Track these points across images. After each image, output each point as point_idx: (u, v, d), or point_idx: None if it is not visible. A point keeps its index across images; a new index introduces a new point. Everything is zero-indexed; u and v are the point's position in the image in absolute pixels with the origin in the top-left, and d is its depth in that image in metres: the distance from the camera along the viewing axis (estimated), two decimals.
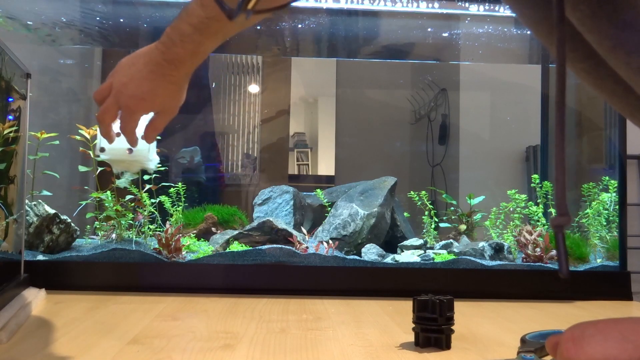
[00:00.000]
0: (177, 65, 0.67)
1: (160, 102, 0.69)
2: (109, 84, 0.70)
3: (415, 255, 1.17)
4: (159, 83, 0.68)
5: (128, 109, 0.68)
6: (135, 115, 0.69)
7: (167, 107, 0.71)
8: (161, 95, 0.68)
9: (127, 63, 0.70)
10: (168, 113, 0.71)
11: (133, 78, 0.68)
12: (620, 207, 1.17)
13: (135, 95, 0.68)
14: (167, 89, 0.68)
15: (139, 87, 0.67)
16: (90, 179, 1.26)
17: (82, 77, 1.83)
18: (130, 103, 0.68)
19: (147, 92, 0.67)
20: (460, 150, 2.05)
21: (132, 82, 0.68)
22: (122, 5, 1.34)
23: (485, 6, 1.30)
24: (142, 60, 0.68)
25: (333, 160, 2.36)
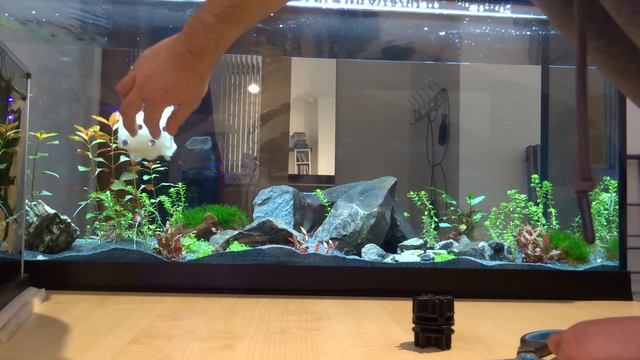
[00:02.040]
0: (200, 56, 0.67)
1: (183, 93, 0.69)
2: (132, 77, 0.70)
3: (415, 255, 1.17)
4: (183, 74, 0.68)
5: (152, 101, 0.69)
6: (159, 107, 0.70)
7: (190, 99, 0.71)
8: (184, 87, 0.69)
9: (149, 55, 0.70)
10: (191, 104, 0.72)
11: (156, 70, 0.68)
12: (620, 207, 1.17)
13: (159, 88, 0.68)
14: (190, 81, 0.69)
15: (163, 79, 0.68)
16: (89, 179, 1.26)
17: (82, 77, 1.83)
18: (154, 95, 0.68)
19: (171, 84, 0.68)
20: (460, 150, 2.05)
21: (155, 74, 0.68)
22: (122, 5, 1.34)
23: (485, 6, 1.30)
24: (165, 52, 0.68)
25: (333, 160, 2.36)
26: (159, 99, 0.68)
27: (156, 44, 0.70)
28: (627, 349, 0.36)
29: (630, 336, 0.36)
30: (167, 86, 0.68)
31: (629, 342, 0.36)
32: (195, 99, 0.71)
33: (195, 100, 0.72)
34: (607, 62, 0.48)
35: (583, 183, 0.40)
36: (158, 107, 0.69)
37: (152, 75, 0.68)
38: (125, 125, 0.72)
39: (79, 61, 1.81)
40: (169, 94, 0.68)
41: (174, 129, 0.74)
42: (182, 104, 0.72)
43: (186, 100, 0.71)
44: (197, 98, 0.71)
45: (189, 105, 0.72)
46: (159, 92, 0.68)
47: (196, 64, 0.67)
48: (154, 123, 0.71)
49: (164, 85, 0.68)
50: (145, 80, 0.68)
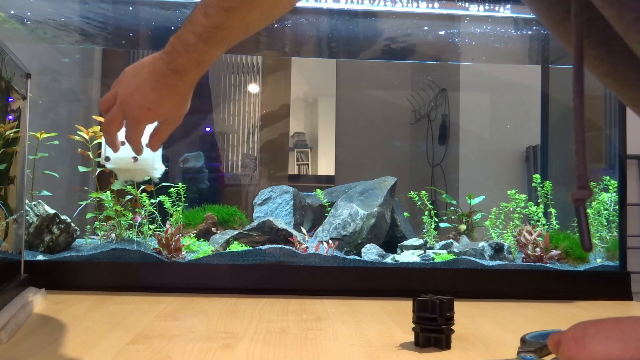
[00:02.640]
0: (182, 75, 0.67)
1: (165, 111, 0.69)
2: (113, 93, 0.70)
3: (415, 255, 1.17)
4: (164, 93, 0.68)
5: (134, 118, 0.69)
6: (140, 125, 0.70)
7: (172, 117, 0.71)
8: (166, 105, 0.69)
9: (131, 72, 0.70)
10: (173, 122, 0.72)
11: (138, 88, 0.68)
12: (620, 207, 1.17)
13: (141, 105, 0.68)
14: (172, 99, 0.69)
15: (145, 97, 0.68)
16: (89, 179, 1.26)
17: (82, 77, 1.83)
18: (136, 113, 0.68)
19: (153, 102, 0.68)
20: (460, 150, 2.05)
21: (137, 92, 0.68)
22: (122, 5, 1.34)
23: (485, 6, 1.30)
24: (147, 70, 0.68)
25: (333, 160, 2.36)
26: (140, 117, 0.68)
27: (138, 62, 0.70)
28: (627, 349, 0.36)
29: (630, 336, 0.36)
30: (149, 104, 0.68)
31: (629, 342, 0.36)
32: (177, 117, 0.71)
33: (177, 118, 0.71)
34: (607, 70, 0.47)
35: (580, 191, 0.40)
36: (139, 124, 0.69)
37: (134, 93, 0.68)
38: (107, 142, 0.72)
39: (79, 61, 1.81)
40: (150, 112, 0.68)
41: (156, 145, 0.74)
42: (164, 122, 0.72)
43: (168, 118, 0.71)
44: (178, 116, 0.71)
45: (170, 123, 0.72)
46: (141, 110, 0.68)
47: (178, 83, 0.67)
48: (135, 141, 0.71)
49: (146, 103, 0.67)
50: (127, 98, 0.68)
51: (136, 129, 0.69)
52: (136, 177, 0.89)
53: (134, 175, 0.89)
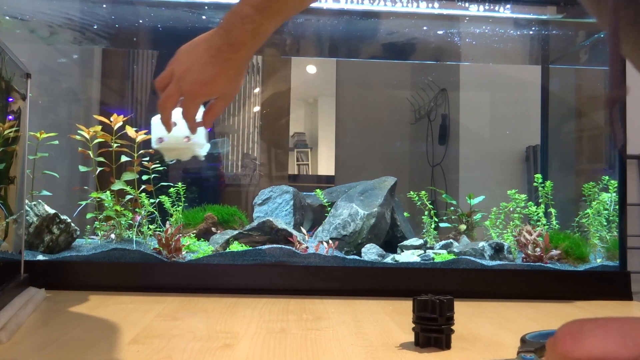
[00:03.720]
0: (237, 49, 0.68)
1: (221, 87, 0.71)
2: (169, 71, 0.71)
3: (415, 255, 1.17)
4: (220, 67, 0.69)
5: (190, 94, 0.70)
6: (197, 101, 0.71)
7: (226, 92, 0.72)
8: (222, 80, 0.70)
9: (186, 50, 0.72)
10: (227, 98, 0.73)
11: (195, 63, 0.69)
12: (620, 207, 1.17)
13: (198, 81, 0.69)
14: (228, 74, 0.70)
15: (201, 72, 0.69)
16: (90, 179, 1.26)
17: (82, 77, 1.83)
18: (192, 89, 0.70)
19: (209, 77, 0.69)
20: (460, 150, 2.05)
21: (194, 68, 0.69)
22: (122, 5, 1.34)
23: (485, 6, 1.30)
24: (202, 46, 0.69)
25: (333, 160, 2.36)
26: (197, 93, 0.70)
27: (192, 40, 0.72)
28: (625, 345, 0.36)
29: (629, 334, 0.36)
30: (205, 79, 0.69)
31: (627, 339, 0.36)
32: (231, 93, 0.73)
33: (231, 93, 0.73)
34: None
35: (615, 90, 0.39)
36: (196, 100, 0.71)
37: (190, 69, 0.69)
38: (163, 120, 0.73)
39: (79, 61, 1.81)
40: (207, 87, 0.70)
41: (209, 122, 0.75)
42: (218, 98, 0.73)
43: (222, 94, 0.72)
44: (233, 91, 0.73)
45: (224, 99, 0.73)
46: (197, 85, 0.70)
47: (234, 57, 0.69)
48: (191, 117, 0.72)
49: (202, 78, 0.69)
50: (183, 74, 0.70)
51: (192, 105, 0.71)
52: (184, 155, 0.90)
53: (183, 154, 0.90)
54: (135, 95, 2.02)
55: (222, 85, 0.71)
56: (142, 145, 1.21)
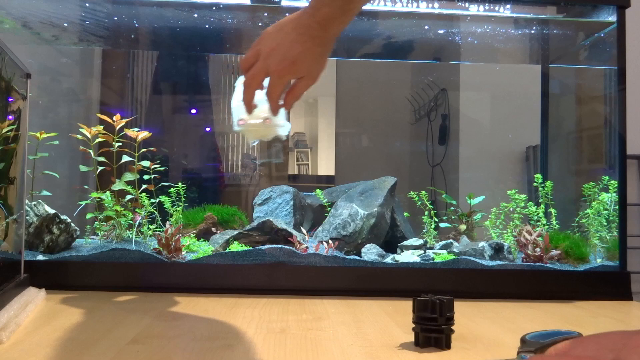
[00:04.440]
0: (326, 26, 0.69)
1: (307, 65, 0.71)
2: (254, 52, 0.72)
3: (415, 255, 1.17)
4: (309, 45, 0.70)
5: (277, 72, 0.71)
6: (283, 79, 0.72)
7: (312, 71, 0.73)
8: (309, 58, 0.71)
9: (273, 30, 0.72)
10: (312, 77, 0.73)
11: (282, 42, 0.70)
12: (620, 207, 1.17)
13: (286, 59, 0.70)
14: (316, 52, 0.71)
15: (289, 50, 0.70)
16: (90, 179, 1.26)
17: (82, 77, 1.83)
18: (280, 67, 0.70)
19: (297, 55, 0.70)
20: (460, 150, 2.05)
21: (281, 46, 0.70)
22: (122, 5, 1.34)
23: (485, 6, 1.30)
24: (291, 25, 0.70)
25: (333, 160, 2.36)
26: (284, 71, 0.71)
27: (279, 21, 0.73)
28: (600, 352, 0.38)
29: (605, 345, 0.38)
30: (293, 57, 0.70)
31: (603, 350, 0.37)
32: (316, 73, 0.73)
33: (316, 73, 0.73)
34: None
35: None
36: (282, 79, 0.71)
37: (278, 48, 0.70)
38: (245, 100, 0.74)
39: (79, 61, 1.81)
40: (294, 65, 0.70)
41: (291, 104, 0.76)
42: (302, 78, 0.73)
43: (308, 73, 0.73)
44: (318, 71, 0.73)
45: (309, 79, 0.73)
46: (285, 63, 0.70)
47: (322, 35, 0.70)
48: (276, 96, 0.73)
49: (290, 56, 0.70)
50: (271, 52, 0.70)
51: (278, 83, 0.71)
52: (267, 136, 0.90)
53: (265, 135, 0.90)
54: (135, 95, 2.02)
55: (309, 64, 0.71)
56: (142, 145, 1.21)
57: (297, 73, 0.72)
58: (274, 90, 0.72)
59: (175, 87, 2.17)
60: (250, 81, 0.72)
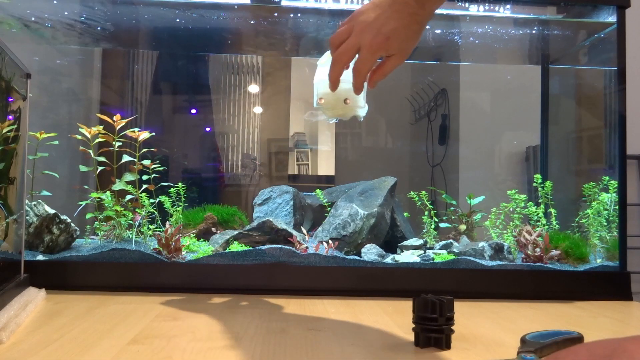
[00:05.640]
0: (423, 3, 0.69)
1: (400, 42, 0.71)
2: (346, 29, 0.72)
3: (415, 255, 1.17)
4: (405, 22, 0.70)
5: (370, 47, 0.70)
6: (374, 55, 0.71)
7: (403, 49, 0.72)
8: (403, 35, 0.70)
9: (369, 6, 0.72)
10: (401, 56, 0.73)
11: (378, 18, 0.70)
12: (620, 207, 1.17)
13: (380, 33, 0.70)
14: (411, 29, 0.71)
15: (385, 25, 0.70)
16: (90, 179, 1.26)
17: (82, 77, 1.83)
18: (373, 42, 0.70)
19: (392, 30, 0.70)
20: (460, 150, 2.05)
21: (377, 21, 0.70)
22: (122, 5, 1.34)
23: (485, 6, 1.30)
24: (387, 1, 0.70)
25: (333, 160, 2.36)
26: (377, 46, 0.70)
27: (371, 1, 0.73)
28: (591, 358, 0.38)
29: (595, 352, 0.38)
30: (388, 32, 0.69)
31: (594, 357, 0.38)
32: (406, 50, 0.73)
33: (406, 51, 0.73)
34: None
35: None
36: (374, 54, 0.71)
37: (373, 22, 0.70)
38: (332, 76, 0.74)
39: (79, 61, 1.81)
40: (389, 40, 0.70)
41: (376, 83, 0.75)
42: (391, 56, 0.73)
43: (399, 51, 0.72)
44: (409, 49, 0.73)
45: (399, 57, 0.73)
46: (380, 37, 0.70)
47: (418, 12, 0.70)
48: (364, 72, 0.72)
49: (386, 31, 0.69)
50: (365, 28, 0.70)
51: (369, 59, 0.71)
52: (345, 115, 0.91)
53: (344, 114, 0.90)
54: (135, 95, 2.02)
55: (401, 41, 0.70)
56: (142, 145, 1.21)
57: (389, 49, 0.71)
58: (364, 66, 0.71)
59: (175, 87, 2.17)
60: (340, 56, 0.71)
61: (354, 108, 0.88)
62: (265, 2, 1.27)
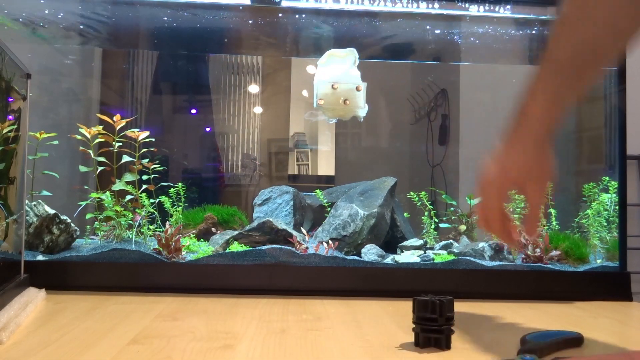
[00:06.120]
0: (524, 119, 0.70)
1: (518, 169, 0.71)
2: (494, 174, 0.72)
3: (415, 255, 1.17)
4: (510, 145, 0.72)
5: (487, 187, 0.71)
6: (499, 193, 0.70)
7: (533, 174, 0.71)
8: (519, 160, 0.71)
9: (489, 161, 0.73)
10: (538, 182, 0.71)
11: (491, 157, 0.72)
12: (620, 208, 1.17)
13: (493, 167, 0.71)
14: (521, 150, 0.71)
15: (496, 158, 0.72)
16: (90, 179, 1.26)
17: (82, 77, 1.83)
18: (485, 180, 0.72)
19: (505, 160, 0.72)
20: (460, 151, 2.05)
21: (490, 160, 0.73)
22: (122, 5, 1.34)
23: (485, 7, 1.30)
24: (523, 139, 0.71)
25: (333, 160, 2.36)
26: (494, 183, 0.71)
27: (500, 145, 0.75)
28: None
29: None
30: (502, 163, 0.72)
31: None
32: (538, 175, 0.71)
33: (539, 175, 0.71)
34: None
35: None
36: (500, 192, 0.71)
37: (486, 163, 0.72)
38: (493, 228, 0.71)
39: (79, 61, 1.81)
40: (503, 172, 0.70)
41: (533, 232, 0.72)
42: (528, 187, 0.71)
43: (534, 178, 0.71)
44: (540, 173, 0.71)
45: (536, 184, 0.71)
46: (493, 174, 0.72)
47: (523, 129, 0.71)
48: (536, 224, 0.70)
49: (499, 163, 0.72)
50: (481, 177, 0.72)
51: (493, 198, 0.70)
52: (345, 115, 0.91)
53: (344, 114, 0.91)
54: (135, 95, 2.02)
55: (520, 166, 0.69)
56: (142, 145, 1.21)
57: (513, 182, 0.71)
58: (534, 221, 0.69)
59: (175, 87, 2.17)
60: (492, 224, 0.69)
61: (354, 108, 0.88)
62: (265, 2, 1.27)
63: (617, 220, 1.19)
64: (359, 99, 0.86)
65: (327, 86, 0.78)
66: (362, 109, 0.90)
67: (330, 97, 0.83)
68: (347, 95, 0.78)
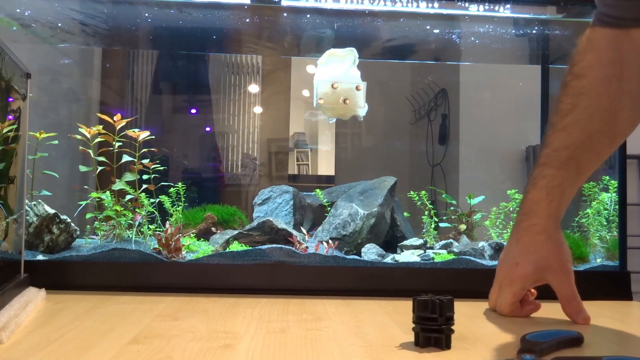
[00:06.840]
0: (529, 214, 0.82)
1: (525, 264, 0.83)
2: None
3: (415, 255, 1.17)
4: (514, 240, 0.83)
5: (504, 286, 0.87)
6: (512, 290, 0.85)
7: (553, 269, 0.84)
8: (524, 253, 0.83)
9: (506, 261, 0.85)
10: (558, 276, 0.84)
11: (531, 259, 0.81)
12: (620, 207, 1.17)
13: (505, 267, 0.85)
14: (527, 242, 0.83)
15: (505, 258, 0.86)
16: (90, 178, 1.27)
17: (82, 77, 1.83)
18: (501, 277, 0.87)
19: (514, 257, 0.83)
20: (460, 150, 2.05)
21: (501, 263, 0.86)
22: (122, 5, 1.34)
23: (485, 6, 1.30)
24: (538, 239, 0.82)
25: (333, 160, 2.36)
26: (506, 281, 0.86)
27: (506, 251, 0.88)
28: None
29: None
30: (511, 260, 0.85)
31: None
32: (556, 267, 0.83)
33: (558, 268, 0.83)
34: None
35: None
36: (512, 289, 0.86)
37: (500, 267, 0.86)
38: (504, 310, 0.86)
39: (79, 61, 1.81)
40: (514, 269, 0.83)
41: None
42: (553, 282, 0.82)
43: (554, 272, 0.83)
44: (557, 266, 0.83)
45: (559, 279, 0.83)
46: (504, 271, 0.86)
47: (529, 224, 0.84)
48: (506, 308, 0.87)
49: (508, 262, 0.85)
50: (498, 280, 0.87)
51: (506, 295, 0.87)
52: (344, 115, 0.92)
53: (343, 114, 0.91)
54: (135, 95, 2.02)
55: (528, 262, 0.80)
56: (142, 145, 1.21)
57: (525, 279, 0.82)
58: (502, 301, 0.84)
59: (175, 87, 2.17)
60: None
61: (354, 108, 0.88)
62: (265, 2, 1.27)
63: (617, 219, 1.19)
64: (359, 99, 0.86)
65: (326, 86, 0.78)
66: (362, 109, 0.90)
67: (330, 97, 0.84)
68: (347, 95, 0.78)
